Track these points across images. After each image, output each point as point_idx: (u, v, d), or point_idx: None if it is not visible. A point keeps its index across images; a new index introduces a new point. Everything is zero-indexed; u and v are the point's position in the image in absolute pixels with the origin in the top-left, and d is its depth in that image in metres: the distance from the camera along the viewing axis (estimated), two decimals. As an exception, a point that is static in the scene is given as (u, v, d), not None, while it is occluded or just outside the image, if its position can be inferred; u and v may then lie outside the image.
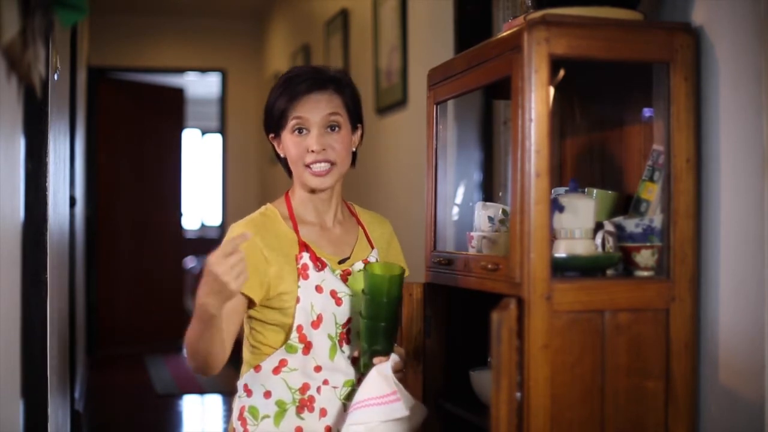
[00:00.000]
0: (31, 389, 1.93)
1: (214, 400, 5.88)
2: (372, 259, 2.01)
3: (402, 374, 1.89)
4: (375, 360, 1.85)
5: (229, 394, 5.85)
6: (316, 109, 1.91)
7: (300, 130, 1.91)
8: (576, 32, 1.75)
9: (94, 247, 7.24)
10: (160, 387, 6.13)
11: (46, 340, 2.08)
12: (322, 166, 1.91)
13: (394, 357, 1.86)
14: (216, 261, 1.60)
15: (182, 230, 8.41)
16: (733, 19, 1.76)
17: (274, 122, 1.95)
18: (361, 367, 1.89)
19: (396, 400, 1.82)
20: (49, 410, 2.15)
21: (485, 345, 1.85)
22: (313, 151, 1.89)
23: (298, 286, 1.87)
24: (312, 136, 1.90)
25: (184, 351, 1.83)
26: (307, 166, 1.91)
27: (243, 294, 1.83)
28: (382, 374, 1.84)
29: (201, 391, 6.05)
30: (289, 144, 1.93)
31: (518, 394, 1.71)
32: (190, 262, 9.16)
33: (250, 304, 1.89)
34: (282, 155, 1.99)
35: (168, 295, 8.01)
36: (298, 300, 1.87)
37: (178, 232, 8.27)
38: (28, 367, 1.88)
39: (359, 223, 2.08)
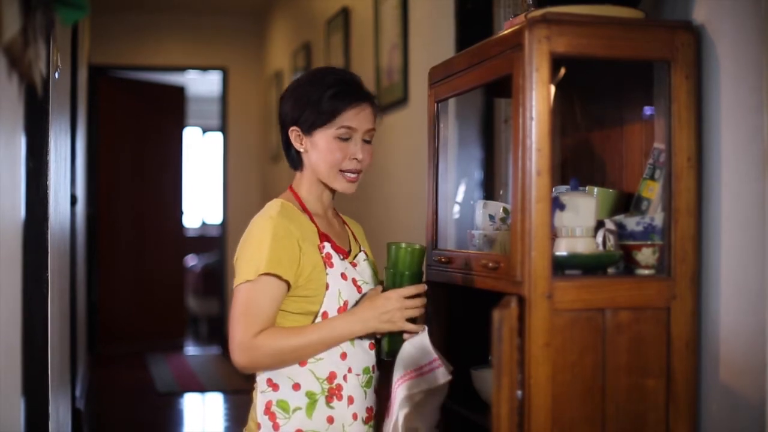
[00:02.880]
0: (32, 387, 1.93)
1: (215, 399, 5.88)
2: (362, 254, 2.06)
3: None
4: (405, 336, 1.92)
5: (230, 392, 5.86)
6: (364, 122, 1.99)
7: (345, 138, 1.98)
8: (577, 30, 1.75)
9: (95, 245, 7.23)
10: (161, 385, 6.13)
11: (47, 339, 2.08)
12: (354, 175, 2.01)
13: (424, 327, 1.93)
14: (399, 301, 1.88)
15: (183, 228, 8.40)
16: (734, 18, 1.76)
17: (314, 117, 1.97)
18: (386, 347, 1.94)
19: (439, 366, 1.90)
20: (50, 408, 2.15)
21: (486, 343, 1.85)
22: (355, 159, 1.98)
23: (326, 273, 1.93)
24: (356, 145, 1.98)
25: (272, 353, 1.86)
26: (343, 171, 1.99)
27: (284, 280, 1.88)
28: (417, 346, 1.90)
29: (202, 389, 6.06)
30: (327, 146, 1.97)
31: (519, 393, 1.71)
32: (191, 260, 9.16)
33: None
34: (302, 149, 2.00)
35: (169, 293, 8.01)
36: (327, 287, 1.92)
37: (179, 231, 8.27)
38: (29, 365, 1.88)
39: (343, 222, 2.15)
